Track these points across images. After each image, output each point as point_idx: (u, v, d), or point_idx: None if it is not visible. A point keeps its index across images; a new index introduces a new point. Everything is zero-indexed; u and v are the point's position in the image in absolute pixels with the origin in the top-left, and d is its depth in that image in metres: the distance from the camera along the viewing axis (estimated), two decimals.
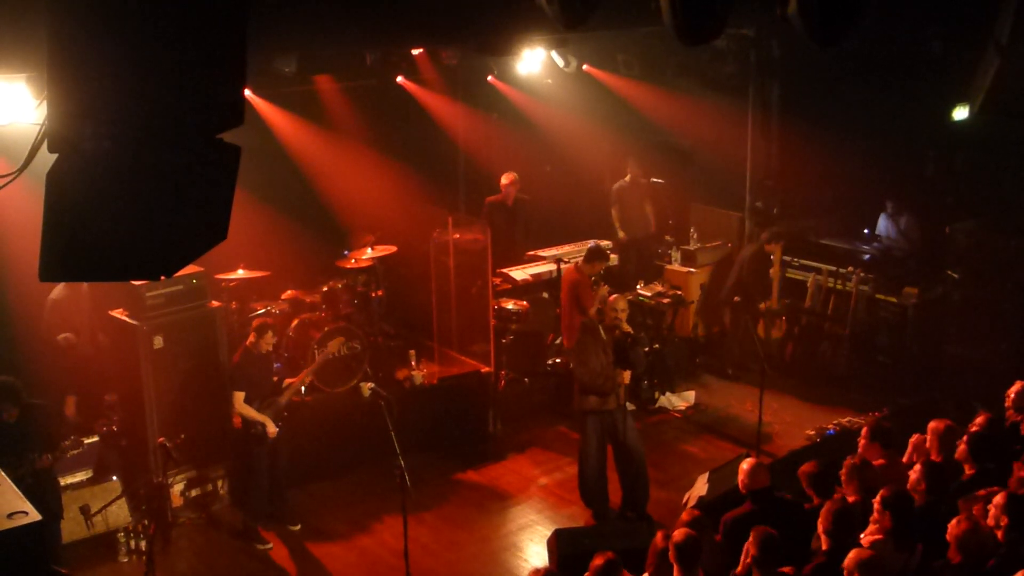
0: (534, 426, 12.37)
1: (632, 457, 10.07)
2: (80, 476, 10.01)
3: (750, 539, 6.91)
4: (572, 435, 11.62)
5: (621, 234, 14.60)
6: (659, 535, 7.15)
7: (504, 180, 13.77)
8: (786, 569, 6.91)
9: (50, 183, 3.60)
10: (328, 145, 13.00)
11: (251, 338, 9.96)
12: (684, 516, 7.53)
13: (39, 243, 3.69)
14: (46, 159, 3.71)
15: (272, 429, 9.86)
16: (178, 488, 10.40)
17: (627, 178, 14.77)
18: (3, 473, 5.56)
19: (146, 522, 8.78)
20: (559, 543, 8.51)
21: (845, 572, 6.48)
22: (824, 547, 7.04)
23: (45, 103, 3.61)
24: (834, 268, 13.36)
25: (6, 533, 5.00)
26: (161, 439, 8.54)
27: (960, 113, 12.83)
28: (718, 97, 13.99)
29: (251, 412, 9.86)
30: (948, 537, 6.83)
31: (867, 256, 13.50)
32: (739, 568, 7.17)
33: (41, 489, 8.41)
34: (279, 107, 12.47)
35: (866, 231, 14.07)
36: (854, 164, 13.37)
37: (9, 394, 8.55)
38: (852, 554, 6.51)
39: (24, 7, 5.39)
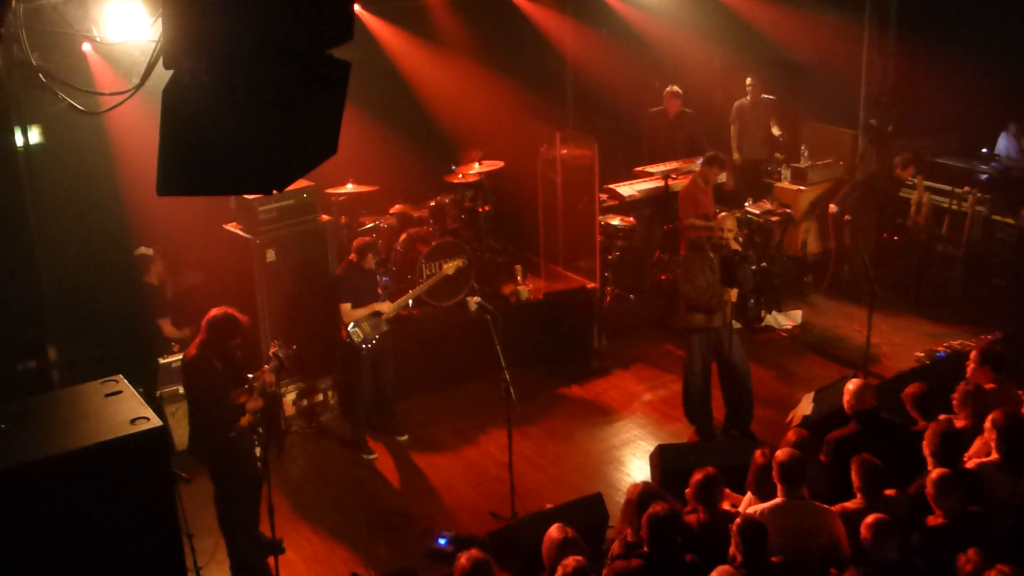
0: (639, 342, 12.41)
1: (737, 375, 10.05)
2: None
3: (853, 468, 6.88)
4: (677, 352, 11.62)
5: (736, 155, 14.41)
6: (758, 452, 7.17)
7: (666, 91, 13.93)
8: (889, 492, 6.89)
9: (166, 99, 3.67)
10: (437, 60, 12.98)
11: (352, 256, 10.08)
12: (790, 435, 7.51)
13: (155, 158, 3.77)
14: (161, 76, 3.78)
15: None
16: (290, 398, 10.70)
17: (747, 97, 14.54)
18: (125, 380, 5.72)
19: (261, 430, 9.04)
20: (662, 458, 8.57)
21: (927, 494, 6.49)
22: (929, 468, 7.00)
23: (160, 20, 3.68)
24: (949, 188, 13.03)
25: (129, 438, 5.16)
26: (273, 348, 8.71)
27: None
28: (833, 11, 13.65)
29: (360, 313, 9.99)
30: None
31: (985, 176, 13.13)
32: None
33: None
34: (388, 22, 12.48)
35: (984, 150, 13.68)
36: (974, 81, 12.90)
37: (237, 326, 8.33)
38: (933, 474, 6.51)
39: None
